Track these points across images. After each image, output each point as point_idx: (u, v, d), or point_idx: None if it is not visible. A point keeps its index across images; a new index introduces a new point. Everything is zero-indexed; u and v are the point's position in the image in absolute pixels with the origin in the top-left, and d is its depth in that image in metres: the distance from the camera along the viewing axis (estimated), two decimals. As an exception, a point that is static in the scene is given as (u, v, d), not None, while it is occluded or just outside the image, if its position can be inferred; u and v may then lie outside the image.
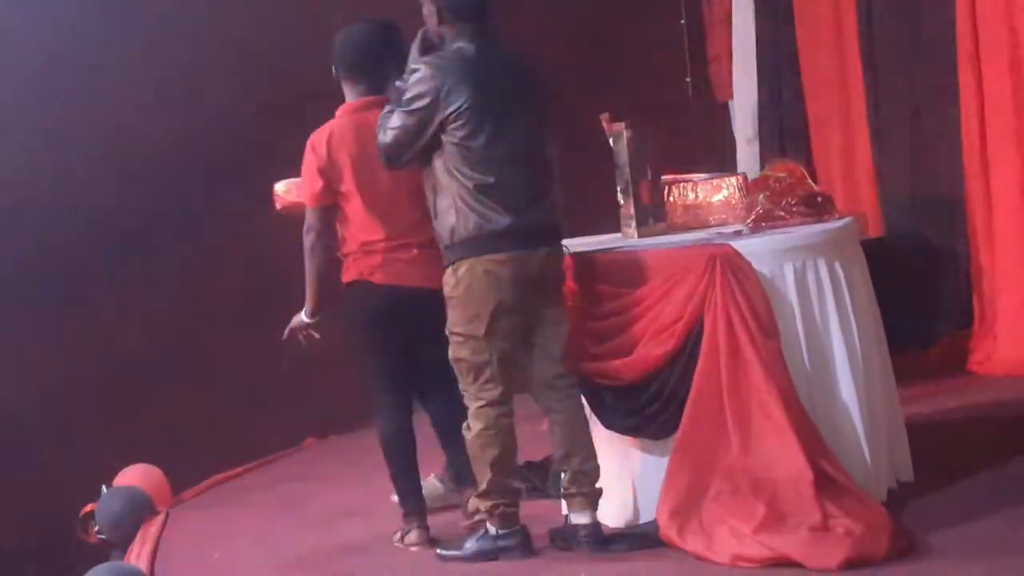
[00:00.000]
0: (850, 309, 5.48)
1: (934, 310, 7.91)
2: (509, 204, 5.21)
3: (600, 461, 5.56)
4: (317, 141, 5.74)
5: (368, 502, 6.65)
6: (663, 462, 5.41)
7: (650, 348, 5.41)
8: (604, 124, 5.94)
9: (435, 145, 5.22)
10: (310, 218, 5.77)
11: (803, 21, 8.53)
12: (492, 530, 5.49)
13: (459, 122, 5.15)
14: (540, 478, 6.27)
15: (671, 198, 6.07)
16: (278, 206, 6.32)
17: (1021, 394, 7.07)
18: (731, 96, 9.17)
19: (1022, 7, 7.23)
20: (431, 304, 5.50)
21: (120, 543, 6.83)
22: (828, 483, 5.18)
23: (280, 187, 6.30)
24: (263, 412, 8.25)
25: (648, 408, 5.46)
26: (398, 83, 5.30)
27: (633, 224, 5.89)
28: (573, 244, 5.82)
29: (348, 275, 5.84)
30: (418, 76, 5.18)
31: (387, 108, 5.31)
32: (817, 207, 5.74)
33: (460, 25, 5.23)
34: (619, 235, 6.03)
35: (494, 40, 5.30)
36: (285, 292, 8.42)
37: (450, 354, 5.40)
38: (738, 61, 9.04)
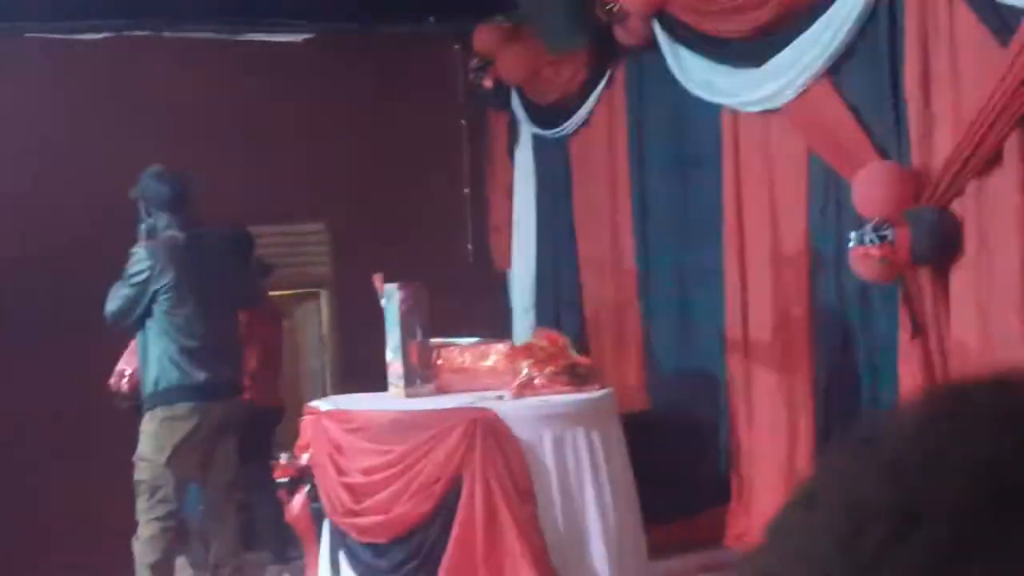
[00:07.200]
0: (606, 478, 5.61)
1: (696, 484, 8.07)
2: (205, 363, 6.26)
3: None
4: None
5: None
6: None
7: (409, 507, 5.46)
8: (376, 284, 6.04)
9: (149, 312, 6.27)
10: None
11: (581, 197, 8.80)
12: None
13: (168, 295, 6.25)
14: None
15: (440, 360, 6.15)
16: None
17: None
18: (508, 265, 9.36)
19: (782, 195, 7.55)
20: None
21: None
22: (575, 649, 5.26)
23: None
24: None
25: (405, 567, 5.49)
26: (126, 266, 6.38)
27: (401, 384, 5.96)
28: (340, 401, 5.85)
29: None
30: (136, 257, 6.33)
31: (117, 283, 6.36)
32: (579, 377, 5.88)
33: (166, 215, 6.35)
34: (386, 393, 6.08)
35: (200, 225, 6.43)
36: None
37: (134, 477, 6.33)
38: (519, 232, 9.26)
